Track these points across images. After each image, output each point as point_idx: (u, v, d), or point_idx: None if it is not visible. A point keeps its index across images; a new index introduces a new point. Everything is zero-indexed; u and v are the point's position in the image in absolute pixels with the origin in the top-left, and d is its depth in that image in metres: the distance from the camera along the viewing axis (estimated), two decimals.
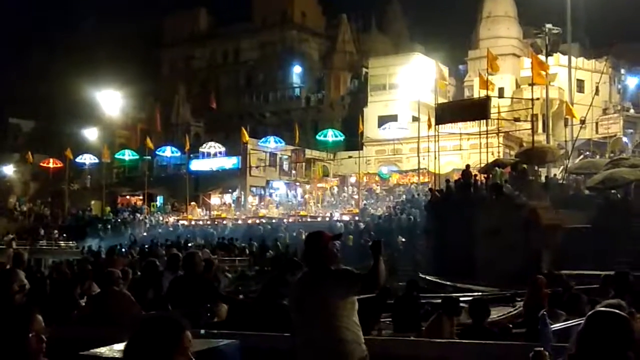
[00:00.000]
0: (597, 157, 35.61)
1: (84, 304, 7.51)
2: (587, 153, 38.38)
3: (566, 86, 41.41)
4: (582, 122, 33.79)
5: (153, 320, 2.48)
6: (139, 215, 46.79)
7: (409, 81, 48.60)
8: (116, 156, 56.96)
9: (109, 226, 44.49)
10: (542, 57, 35.61)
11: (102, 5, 74.61)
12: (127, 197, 54.19)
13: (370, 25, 64.43)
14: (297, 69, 62.80)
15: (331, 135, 51.85)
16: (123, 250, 31.88)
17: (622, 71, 55.51)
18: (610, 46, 45.54)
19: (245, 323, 6.68)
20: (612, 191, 24.99)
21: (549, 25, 35.73)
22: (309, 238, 4.57)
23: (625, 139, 43.69)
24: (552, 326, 4.68)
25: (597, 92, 39.20)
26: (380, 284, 4.30)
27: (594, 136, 43.59)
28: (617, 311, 2.84)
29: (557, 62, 46.42)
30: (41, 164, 57.02)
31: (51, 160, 56.24)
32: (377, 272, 4.21)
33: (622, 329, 2.71)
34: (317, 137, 52.45)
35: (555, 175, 31.97)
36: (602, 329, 2.71)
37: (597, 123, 45.42)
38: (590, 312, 2.85)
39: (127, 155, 56.82)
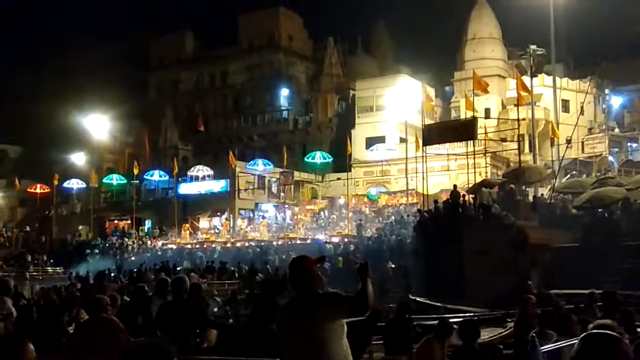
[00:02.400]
0: (584, 176, 35.84)
1: (72, 331, 7.44)
2: (574, 172, 38.65)
3: (551, 106, 41.80)
4: (568, 141, 34.05)
5: (141, 349, 2.46)
6: (127, 239, 46.51)
7: (396, 103, 48.85)
8: (104, 181, 56.76)
9: (97, 251, 44.17)
10: (527, 78, 36.00)
11: (88, 29, 74.88)
12: (115, 221, 53.91)
13: (357, 47, 64.89)
14: (284, 92, 63.04)
15: (319, 157, 51.99)
16: (112, 275, 31.65)
17: (606, 91, 56.09)
18: (594, 66, 46.04)
19: (234, 349, 6.64)
20: (599, 210, 25.11)
21: (533, 47, 36.13)
22: (292, 263, 4.57)
23: (610, 158, 44.03)
24: (541, 348, 4.69)
25: (582, 112, 39.62)
26: (369, 306, 4.28)
27: (580, 155, 43.93)
28: (609, 332, 2.85)
29: (542, 83, 46.89)
30: (28, 190, 56.70)
31: (38, 185, 55.95)
32: (366, 295, 4.19)
33: (615, 351, 2.71)
34: (306, 159, 52.55)
35: (542, 194, 32.11)
36: (594, 352, 2.72)
37: (582, 142, 45.78)
38: (583, 335, 2.86)
39: (115, 179, 56.63)
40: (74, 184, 56.41)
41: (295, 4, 69.35)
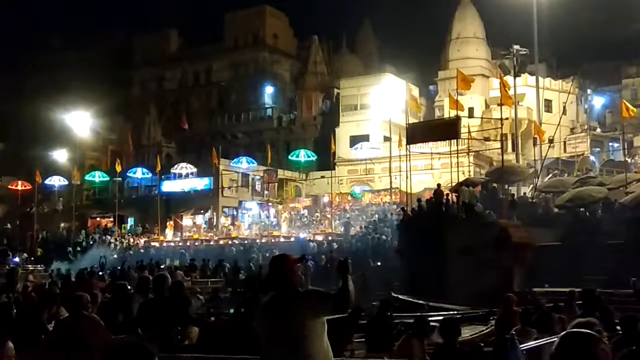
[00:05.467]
0: (566, 175, 36.13)
1: (51, 328, 7.38)
2: (556, 172, 38.94)
3: (534, 106, 42.07)
4: (551, 141, 34.28)
5: (121, 348, 2.43)
6: (109, 237, 46.19)
7: (380, 101, 48.95)
8: (86, 178, 56.30)
9: (79, 249, 43.80)
10: (510, 78, 36.21)
11: (71, 25, 74.25)
12: (98, 219, 53.53)
13: (341, 46, 64.93)
14: (269, 90, 62.92)
15: (303, 155, 51.96)
16: (101, 273, 31.42)
17: (589, 91, 56.58)
18: (576, 66, 46.46)
19: (216, 346, 6.63)
20: (581, 209, 25.32)
21: (516, 47, 36.33)
22: (273, 261, 4.55)
23: (592, 158, 44.41)
24: (521, 346, 4.71)
25: (564, 111, 39.96)
26: (350, 303, 4.27)
27: (562, 155, 44.25)
28: (587, 331, 2.87)
29: (525, 83, 47.16)
30: (9, 187, 56.14)
31: (20, 182, 55.42)
32: (347, 292, 4.18)
33: (592, 349, 2.73)
34: (290, 157, 52.49)
35: (525, 193, 32.34)
36: (573, 350, 2.73)
37: (565, 142, 46.14)
38: (562, 333, 2.88)
39: (98, 176, 56.20)
40: (56, 181, 55.94)
41: (281, 2, 69.36)
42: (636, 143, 46.32)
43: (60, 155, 60.06)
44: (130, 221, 51.92)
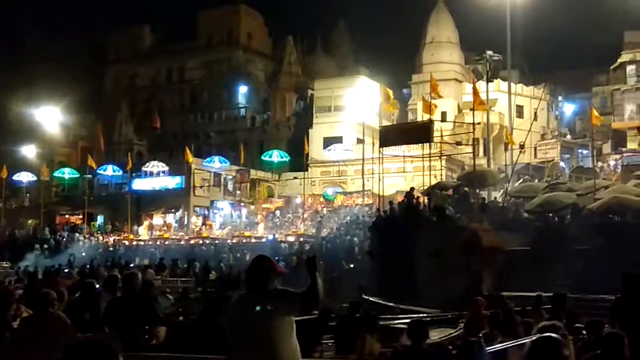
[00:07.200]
0: (536, 181, 36.53)
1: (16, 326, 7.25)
2: (526, 177, 39.36)
3: (506, 111, 42.52)
4: (521, 146, 34.63)
5: (84, 345, 2.39)
6: (78, 234, 45.61)
7: (354, 103, 49.04)
8: (55, 174, 55.56)
9: (47, 246, 43.17)
10: (483, 83, 36.56)
11: (43, 20, 73.23)
12: (67, 216, 52.85)
13: (316, 47, 64.93)
14: (242, 89, 62.70)
15: (276, 155, 51.89)
16: (66, 270, 30.96)
17: (559, 98, 57.39)
18: (548, 73, 47.05)
19: (184, 345, 6.58)
20: (550, 214, 25.62)
21: (489, 52, 36.67)
22: (257, 260, 4.49)
23: (562, 164, 44.96)
24: (487, 349, 4.75)
25: (535, 117, 40.39)
26: (319, 300, 4.25)
27: (533, 161, 44.77)
28: (554, 335, 2.92)
29: (497, 88, 47.64)
30: None
31: None
32: (315, 289, 4.16)
33: (558, 353, 2.78)
34: (262, 157, 52.37)
35: (495, 198, 32.64)
36: (542, 353, 2.78)
37: (535, 148, 46.68)
38: (533, 338, 2.92)
39: (67, 173, 55.50)
40: (24, 176, 55.13)
41: (256, 1, 69.07)
42: (605, 150, 47.07)
43: (29, 151, 59.18)
44: (100, 219, 51.35)
